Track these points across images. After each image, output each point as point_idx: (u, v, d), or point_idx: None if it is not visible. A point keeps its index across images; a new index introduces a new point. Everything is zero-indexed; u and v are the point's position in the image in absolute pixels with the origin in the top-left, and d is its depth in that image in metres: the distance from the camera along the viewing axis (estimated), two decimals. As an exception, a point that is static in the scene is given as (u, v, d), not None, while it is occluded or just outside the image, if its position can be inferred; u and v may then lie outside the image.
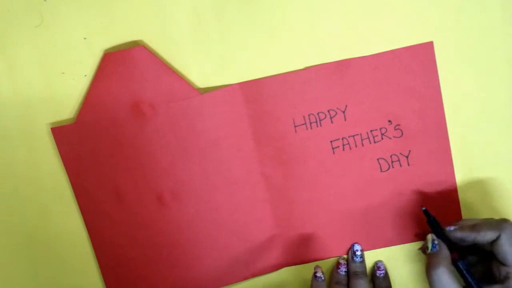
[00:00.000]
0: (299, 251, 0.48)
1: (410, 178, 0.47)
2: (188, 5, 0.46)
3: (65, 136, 0.45)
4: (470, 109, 0.47)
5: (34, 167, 0.47)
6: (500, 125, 0.48)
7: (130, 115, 0.45)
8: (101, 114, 0.45)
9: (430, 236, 0.42)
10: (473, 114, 0.47)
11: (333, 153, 0.47)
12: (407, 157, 0.47)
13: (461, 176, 0.48)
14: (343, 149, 0.47)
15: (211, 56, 0.46)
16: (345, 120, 0.47)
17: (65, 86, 0.46)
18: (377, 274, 0.47)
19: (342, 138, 0.47)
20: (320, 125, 0.47)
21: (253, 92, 0.46)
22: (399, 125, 0.47)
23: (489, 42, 0.47)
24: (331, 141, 0.47)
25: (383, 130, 0.47)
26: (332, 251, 0.48)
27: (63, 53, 0.46)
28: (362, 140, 0.47)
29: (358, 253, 0.47)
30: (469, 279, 0.40)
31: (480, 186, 0.48)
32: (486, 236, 0.41)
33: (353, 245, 0.48)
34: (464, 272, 0.41)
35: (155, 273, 0.47)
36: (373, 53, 0.46)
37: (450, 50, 0.46)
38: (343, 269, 0.47)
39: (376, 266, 0.48)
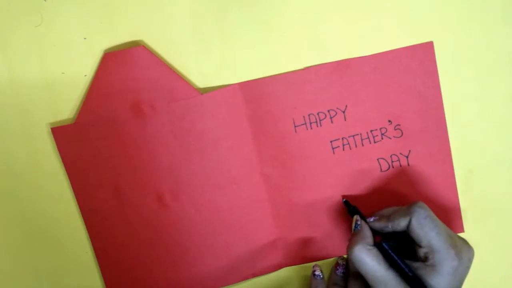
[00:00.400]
0: (299, 251, 0.48)
1: (410, 178, 0.47)
2: (188, 5, 0.46)
3: (65, 136, 0.45)
4: (470, 109, 0.47)
5: (34, 167, 0.46)
6: (500, 125, 0.48)
7: (130, 115, 0.45)
8: (101, 114, 0.45)
9: (355, 217, 0.44)
10: (473, 114, 0.47)
11: (333, 153, 0.47)
12: (407, 157, 0.47)
13: (461, 176, 0.48)
14: (343, 149, 0.47)
15: (211, 56, 0.46)
16: (345, 120, 0.47)
17: (65, 86, 0.46)
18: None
19: (342, 138, 0.47)
20: (320, 125, 0.47)
21: (253, 92, 0.46)
22: (399, 125, 0.47)
23: (489, 42, 0.47)
24: (331, 141, 0.47)
25: (383, 130, 0.47)
26: (332, 251, 0.48)
27: (63, 53, 0.46)
28: (362, 140, 0.47)
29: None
30: (394, 256, 0.41)
31: (480, 186, 0.48)
32: (400, 223, 0.42)
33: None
34: (389, 251, 0.41)
35: (155, 273, 0.47)
36: (373, 53, 0.46)
37: (450, 50, 0.46)
38: (341, 270, 0.47)
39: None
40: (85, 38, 0.46)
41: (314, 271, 0.47)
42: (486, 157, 0.48)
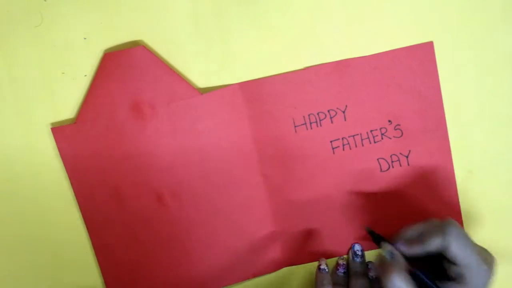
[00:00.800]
0: (299, 251, 0.48)
1: (410, 178, 0.47)
2: (188, 5, 0.46)
3: (65, 136, 0.45)
4: (470, 109, 0.47)
5: (34, 167, 0.47)
6: (500, 125, 0.48)
7: (130, 115, 0.45)
8: (101, 114, 0.45)
9: (386, 246, 0.43)
10: (473, 114, 0.47)
11: (333, 153, 0.47)
12: (407, 157, 0.47)
13: (461, 176, 0.48)
14: (343, 149, 0.47)
15: (211, 56, 0.46)
16: (345, 120, 0.47)
17: (65, 86, 0.46)
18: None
19: (342, 138, 0.47)
20: (320, 125, 0.47)
21: (253, 92, 0.46)
22: (399, 125, 0.47)
23: (489, 42, 0.47)
24: (331, 141, 0.47)
25: (383, 130, 0.47)
26: (332, 251, 0.48)
27: (63, 53, 0.46)
28: (362, 140, 0.47)
29: (359, 253, 0.47)
30: (429, 283, 0.41)
31: (480, 186, 0.48)
32: (433, 244, 0.41)
33: (353, 245, 0.48)
34: (425, 279, 0.41)
35: (155, 273, 0.47)
36: (373, 53, 0.46)
37: (450, 50, 0.46)
38: (341, 270, 0.47)
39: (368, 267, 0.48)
40: (85, 38, 0.46)
41: (320, 265, 0.46)
42: (486, 157, 0.48)
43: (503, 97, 0.47)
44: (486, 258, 0.41)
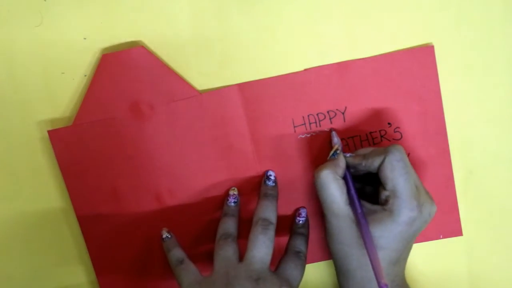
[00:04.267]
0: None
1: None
2: (188, 5, 0.46)
3: (62, 139, 0.45)
4: (470, 113, 0.47)
5: (34, 167, 0.47)
6: (500, 125, 0.48)
7: (129, 115, 0.46)
8: (100, 115, 0.45)
9: (335, 146, 0.43)
10: (473, 117, 0.47)
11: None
12: (406, 159, 0.47)
13: (461, 176, 0.48)
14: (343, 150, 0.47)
15: (211, 56, 0.46)
16: (344, 121, 0.47)
17: (65, 86, 0.46)
18: (296, 221, 0.47)
19: (341, 139, 0.47)
20: (320, 126, 0.47)
21: (252, 93, 0.46)
22: (398, 127, 0.47)
23: (489, 45, 0.46)
24: (330, 142, 0.47)
25: (383, 132, 0.47)
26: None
27: (63, 53, 0.46)
28: (361, 141, 0.47)
29: (271, 177, 0.47)
30: (352, 190, 0.41)
31: (480, 186, 0.48)
32: (373, 162, 0.41)
33: (267, 171, 0.47)
34: (350, 183, 0.42)
35: (153, 274, 0.48)
36: (373, 55, 0.46)
37: (450, 52, 0.46)
38: (232, 200, 0.46)
39: (297, 212, 0.47)
40: (85, 38, 0.46)
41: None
42: (486, 157, 0.48)
43: (503, 97, 0.47)
44: (420, 198, 0.40)
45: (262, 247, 0.42)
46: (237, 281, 0.40)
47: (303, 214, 0.47)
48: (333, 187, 0.41)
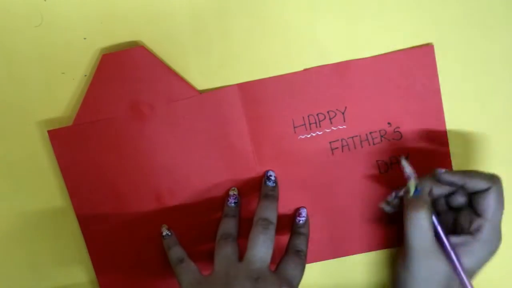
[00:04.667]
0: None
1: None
2: (188, 5, 0.46)
3: (62, 138, 0.45)
4: (470, 112, 0.47)
5: (34, 167, 0.47)
6: (500, 128, 0.48)
7: (129, 115, 0.46)
8: (100, 115, 0.45)
9: (413, 181, 0.42)
10: (473, 117, 0.47)
11: (332, 154, 0.47)
12: (406, 159, 0.47)
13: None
14: (342, 151, 0.47)
15: (211, 56, 0.46)
16: (344, 121, 0.47)
17: (65, 86, 0.46)
18: (297, 221, 0.47)
19: (341, 140, 0.47)
20: (320, 126, 0.47)
21: (252, 92, 0.46)
22: (398, 127, 0.47)
23: (489, 44, 0.46)
24: (330, 142, 0.47)
25: (383, 132, 0.47)
26: (330, 252, 0.48)
27: (63, 53, 0.46)
28: (361, 141, 0.47)
29: (272, 178, 0.47)
30: (440, 230, 0.41)
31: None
32: (478, 184, 0.41)
33: (267, 171, 0.47)
34: (437, 226, 0.41)
35: (153, 274, 0.48)
36: (373, 55, 0.46)
37: (450, 52, 0.46)
38: (232, 201, 0.46)
39: (297, 212, 0.47)
40: (85, 38, 0.46)
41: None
42: (486, 157, 0.48)
43: (503, 97, 0.47)
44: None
45: (262, 247, 0.42)
46: (236, 280, 0.40)
47: (303, 214, 0.47)
48: (428, 228, 0.40)
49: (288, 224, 0.48)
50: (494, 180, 0.41)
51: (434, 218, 0.41)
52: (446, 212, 0.44)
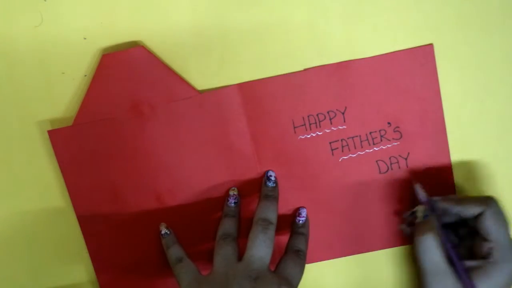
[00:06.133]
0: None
1: (408, 180, 0.47)
2: (188, 5, 0.46)
3: (62, 138, 0.45)
4: (469, 112, 0.47)
5: (34, 167, 0.47)
6: (500, 125, 0.48)
7: (129, 115, 0.46)
8: (100, 115, 0.45)
9: (422, 207, 0.43)
10: (472, 117, 0.47)
11: (332, 154, 0.47)
12: (406, 159, 0.47)
13: (461, 176, 0.48)
14: (342, 151, 0.47)
15: (211, 56, 0.46)
16: (344, 121, 0.47)
17: (65, 86, 0.46)
18: (296, 221, 0.47)
19: (341, 140, 0.47)
20: (320, 126, 0.47)
21: (252, 93, 0.46)
22: (398, 127, 0.47)
23: (489, 44, 0.46)
24: (330, 143, 0.47)
25: (382, 132, 0.47)
26: (330, 253, 0.48)
27: (63, 53, 0.46)
28: (361, 142, 0.47)
29: (272, 178, 0.47)
30: (452, 253, 0.41)
31: (480, 186, 0.48)
32: (471, 210, 0.41)
33: (267, 171, 0.47)
34: (450, 249, 0.41)
35: (152, 274, 0.48)
36: (373, 55, 0.46)
37: (450, 52, 0.46)
38: (232, 201, 0.46)
39: (297, 212, 0.47)
40: (85, 38, 0.46)
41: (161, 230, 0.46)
42: (486, 157, 0.48)
43: (503, 97, 0.47)
44: None
45: (261, 247, 0.42)
46: (236, 280, 0.40)
47: (303, 214, 0.47)
48: (437, 251, 0.41)
49: (288, 224, 0.48)
50: (487, 202, 0.41)
51: (445, 241, 0.41)
52: (466, 238, 0.44)
